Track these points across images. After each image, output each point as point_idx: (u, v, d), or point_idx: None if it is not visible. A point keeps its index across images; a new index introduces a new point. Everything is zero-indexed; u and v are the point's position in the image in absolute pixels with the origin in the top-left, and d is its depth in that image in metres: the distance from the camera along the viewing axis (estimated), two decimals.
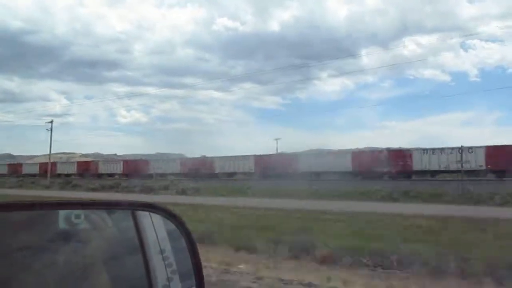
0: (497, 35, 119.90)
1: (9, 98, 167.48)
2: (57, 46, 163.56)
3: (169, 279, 1.77)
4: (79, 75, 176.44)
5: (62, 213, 1.64)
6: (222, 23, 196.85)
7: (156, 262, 1.75)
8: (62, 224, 1.63)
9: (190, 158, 52.34)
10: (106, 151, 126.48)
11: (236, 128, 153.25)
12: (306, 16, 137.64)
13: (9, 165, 73.07)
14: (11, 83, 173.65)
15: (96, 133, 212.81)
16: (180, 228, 1.81)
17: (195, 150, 59.94)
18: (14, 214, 1.52)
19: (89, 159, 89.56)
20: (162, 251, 1.79)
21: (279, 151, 51.87)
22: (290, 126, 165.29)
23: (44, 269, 1.48)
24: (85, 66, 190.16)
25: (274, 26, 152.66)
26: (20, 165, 72.30)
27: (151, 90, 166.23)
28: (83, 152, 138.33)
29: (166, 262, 1.78)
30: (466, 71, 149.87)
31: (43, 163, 71.95)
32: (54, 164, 67.22)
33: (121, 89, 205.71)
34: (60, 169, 63.94)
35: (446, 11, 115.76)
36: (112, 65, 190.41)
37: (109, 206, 1.92)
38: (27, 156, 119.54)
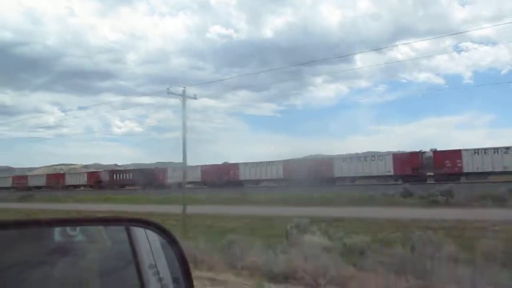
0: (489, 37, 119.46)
1: (2, 111, 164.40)
2: (49, 57, 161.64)
3: None
4: (72, 86, 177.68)
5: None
6: (216, 30, 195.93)
7: (149, 275, 1.83)
8: (58, 237, 1.73)
9: (212, 165, 48.90)
10: (105, 161, 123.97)
11: (231, 135, 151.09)
12: (300, 22, 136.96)
13: (14, 177, 68.77)
14: (4, 96, 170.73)
15: (91, 144, 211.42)
16: (171, 243, 1.89)
17: (194, 158, 56.47)
18: (11, 232, 1.59)
19: (92, 169, 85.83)
20: (155, 265, 1.87)
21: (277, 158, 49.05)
22: (286, 132, 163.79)
23: (40, 283, 1.56)
24: (78, 77, 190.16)
25: (267, 33, 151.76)
26: (25, 177, 68.25)
27: (145, 99, 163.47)
28: (84, 163, 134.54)
29: (159, 276, 1.86)
30: (459, 74, 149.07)
31: (50, 174, 68.26)
32: (62, 176, 63.50)
33: (115, 99, 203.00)
34: (70, 181, 59.90)
35: (439, 14, 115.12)
36: (105, 75, 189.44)
37: (104, 223, 2.00)
38: (27, 169, 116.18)
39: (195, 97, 22.58)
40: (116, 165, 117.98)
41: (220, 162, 52.77)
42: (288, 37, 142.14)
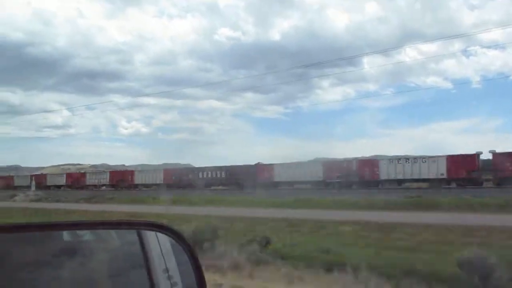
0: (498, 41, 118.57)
1: (11, 110, 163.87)
2: (58, 58, 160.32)
3: None
4: (80, 86, 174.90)
5: None
6: (224, 33, 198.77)
7: (160, 279, 1.81)
8: (66, 237, 1.72)
9: (241, 166, 47.68)
10: (112, 161, 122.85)
11: (237, 137, 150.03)
12: (307, 25, 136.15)
13: (32, 176, 66.48)
14: (13, 95, 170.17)
15: (98, 144, 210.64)
16: (185, 248, 1.87)
17: (200, 159, 55.03)
18: (23, 235, 1.60)
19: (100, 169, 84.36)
20: (167, 269, 1.85)
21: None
22: (292, 135, 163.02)
23: (49, 285, 1.56)
24: (86, 78, 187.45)
25: (275, 35, 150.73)
26: (44, 175, 66.07)
27: (152, 100, 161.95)
28: (91, 164, 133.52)
29: (171, 281, 1.84)
30: (468, 78, 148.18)
31: (70, 173, 66.17)
32: (83, 174, 61.26)
33: (122, 100, 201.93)
34: (90, 180, 57.59)
35: (447, 18, 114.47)
36: (113, 76, 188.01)
37: (116, 226, 1.97)
38: (34, 168, 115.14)
39: None
40: (123, 165, 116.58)
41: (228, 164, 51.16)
42: (295, 40, 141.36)
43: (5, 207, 29.54)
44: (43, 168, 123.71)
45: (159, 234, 1.86)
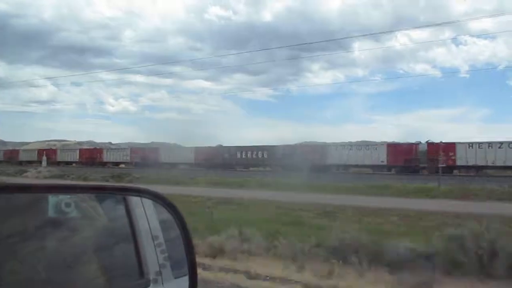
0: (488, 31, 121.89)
1: None
2: (45, 31, 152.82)
3: (161, 266, 1.81)
4: (66, 61, 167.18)
5: (51, 200, 1.69)
6: (215, 12, 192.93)
7: (148, 249, 1.79)
8: (51, 213, 1.68)
9: (287, 146, 45.52)
10: (99, 139, 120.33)
11: (225, 119, 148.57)
12: (299, 7, 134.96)
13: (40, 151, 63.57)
14: None
15: (84, 120, 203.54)
16: (173, 214, 1.83)
17: (190, 140, 53.26)
18: (2, 197, 1.53)
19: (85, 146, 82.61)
20: (154, 238, 1.83)
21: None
22: (280, 118, 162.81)
23: (33, 256, 1.53)
24: (72, 52, 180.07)
25: (267, 16, 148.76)
26: (54, 151, 64.10)
27: (140, 78, 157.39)
28: (77, 140, 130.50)
29: (158, 249, 1.82)
30: (456, 67, 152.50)
31: (84, 149, 64.07)
32: (99, 150, 59.62)
33: (109, 76, 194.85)
34: (109, 157, 55.60)
35: (440, 4, 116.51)
36: (100, 52, 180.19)
37: (100, 191, 1.95)
38: (19, 143, 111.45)
39: None
40: (110, 143, 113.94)
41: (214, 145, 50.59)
42: (287, 22, 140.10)
43: None
44: (28, 143, 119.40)
45: (145, 200, 1.85)
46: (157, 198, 1.85)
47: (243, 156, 47.95)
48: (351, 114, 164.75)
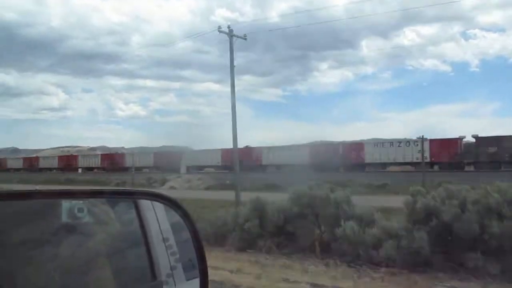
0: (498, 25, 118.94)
1: (7, 92, 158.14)
2: (54, 39, 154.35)
3: (172, 268, 1.82)
4: (76, 67, 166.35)
5: (65, 206, 1.69)
6: (221, 14, 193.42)
7: (159, 251, 1.81)
8: (65, 218, 1.68)
9: (317, 145, 45.41)
10: (111, 144, 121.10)
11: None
12: (306, 6, 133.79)
13: (62, 157, 62.49)
14: (8, 77, 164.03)
15: (95, 126, 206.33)
16: (183, 217, 1.86)
17: (200, 142, 51.80)
18: (15, 204, 1.54)
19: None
20: (165, 240, 1.85)
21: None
22: (290, 118, 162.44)
23: (47, 263, 1.53)
24: (82, 59, 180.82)
25: (273, 17, 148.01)
26: (75, 156, 62.66)
27: (149, 82, 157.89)
28: (90, 146, 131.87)
29: (169, 251, 1.84)
30: (467, 61, 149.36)
31: (105, 154, 62.79)
32: (121, 156, 58.30)
33: (119, 82, 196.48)
34: (130, 162, 54.55)
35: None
36: (109, 57, 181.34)
37: (112, 195, 1.96)
38: (33, 150, 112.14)
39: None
40: (123, 148, 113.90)
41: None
42: (294, 21, 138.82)
43: None
44: (42, 150, 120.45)
45: (156, 204, 1.86)
46: (167, 201, 1.87)
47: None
48: (360, 112, 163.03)
